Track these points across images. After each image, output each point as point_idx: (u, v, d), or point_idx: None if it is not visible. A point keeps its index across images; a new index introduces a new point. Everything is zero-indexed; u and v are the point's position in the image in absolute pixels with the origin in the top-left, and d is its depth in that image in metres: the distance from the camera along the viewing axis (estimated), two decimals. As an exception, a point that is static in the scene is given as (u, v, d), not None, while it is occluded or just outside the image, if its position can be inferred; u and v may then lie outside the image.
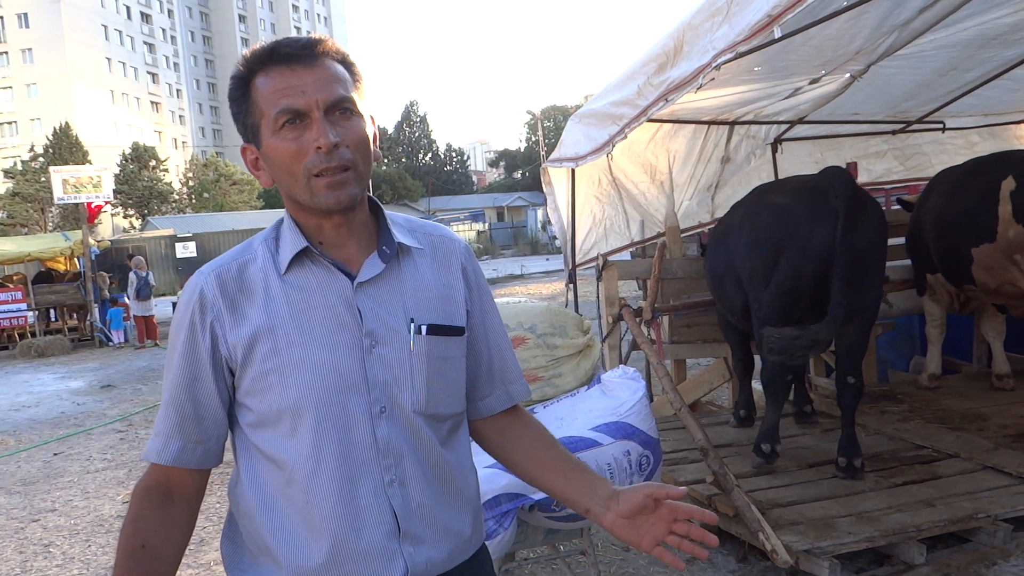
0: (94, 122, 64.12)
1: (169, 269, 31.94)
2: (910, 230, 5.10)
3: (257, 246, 1.35)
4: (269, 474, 1.30)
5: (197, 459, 1.32)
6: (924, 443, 4.19)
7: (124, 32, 73.03)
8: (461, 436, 1.44)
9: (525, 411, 1.55)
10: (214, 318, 1.28)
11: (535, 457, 1.47)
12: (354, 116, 1.27)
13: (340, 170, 1.24)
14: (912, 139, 6.72)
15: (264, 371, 1.27)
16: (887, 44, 4.36)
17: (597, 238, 6.02)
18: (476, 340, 1.44)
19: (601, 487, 1.41)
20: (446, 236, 1.45)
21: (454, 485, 1.38)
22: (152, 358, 13.25)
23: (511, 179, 66.04)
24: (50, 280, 16.82)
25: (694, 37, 3.19)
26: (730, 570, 3.50)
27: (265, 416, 1.29)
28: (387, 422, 1.29)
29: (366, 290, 1.31)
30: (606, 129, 4.29)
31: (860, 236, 3.67)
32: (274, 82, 1.25)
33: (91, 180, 15.82)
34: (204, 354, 1.29)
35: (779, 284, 3.84)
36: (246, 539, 1.34)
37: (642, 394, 2.86)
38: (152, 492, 1.32)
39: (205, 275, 1.31)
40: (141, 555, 1.28)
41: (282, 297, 1.28)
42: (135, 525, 1.30)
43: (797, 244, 3.77)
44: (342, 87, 1.26)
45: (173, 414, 1.31)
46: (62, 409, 9.32)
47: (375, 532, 1.28)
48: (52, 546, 4.73)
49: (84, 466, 6.55)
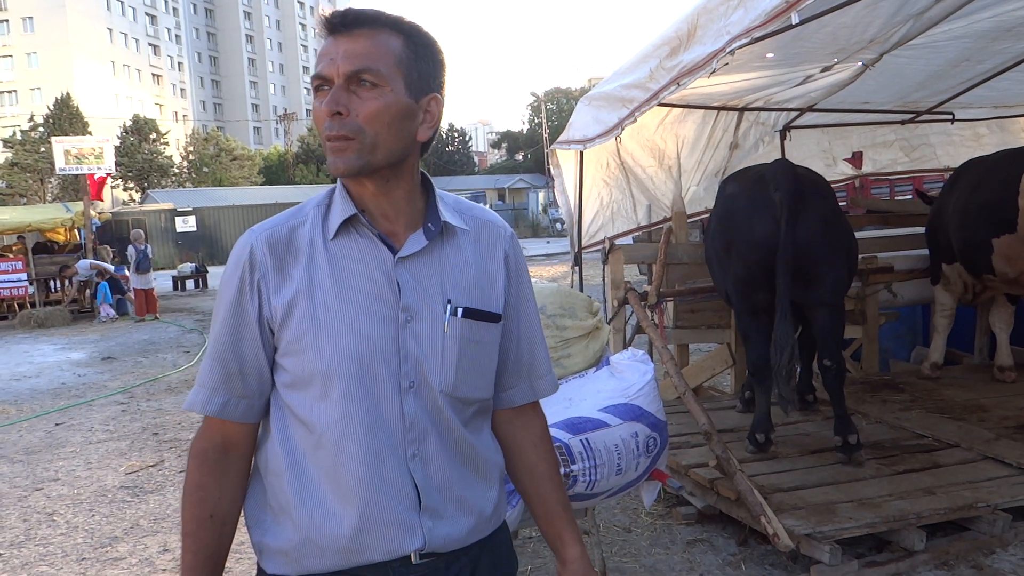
0: (94, 93, 63.74)
1: (169, 243, 31.93)
2: (931, 220, 5.15)
3: (309, 210, 1.36)
4: (300, 435, 1.32)
5: (240, 413, 1.35)
6: (925, 432, 4.22)
7: (126, 3, 72.47)
8: (484, 420, 1.45)
9: (543, 421, 1.54)
10: (261, 276, 1.30)
11: (530, 479, 1.50)
12: (376, 88, 1.26)
13: (342, 139, 1.25)
14: (920, 130, 6.72)
15: (300, 333, 1.29)
16: (901, 33, 4.34)
17: (604, 221, 6.01)
18: (509, 329, 1.44)
19: (570, 548, 1.48)
20: (492, 221, 1.45)
21: (476, 465, 1.39)
22: (152, 331, 13.27)
23: (513, 161, 65.76)
24: (49, 251, 16.79)
25: (708, 21, 3.17)
26: (731, 553, 3.54)
27: (299, 377, 1.31)
28: (414, 398, 1.31)
29: (407, 265, 1.32)
30: (616, 112, 4.28)
31: (803, 229, 3.69)
32: (321, 49, 1.30)
33: (93, 151, 15.78)
34: (250, 311, 1.31)
35: (734, 272, 3.98)
36: (270, 497, 1.36)
37: (651, 376, 2.87)
38: (209, 453, 1.36)
39: (256, 234, 1.33)
40: (210, 524, 1.35)
41: (325, 262, 1.30)
42: (200, 493, 1.35)
43: (742, 235, 3.89)
44: (370, 59, 1.25)
45: (218, 368, 1.33)
46: (63, 380, 9.34)
47: (397, 503, 1.30)
48: (56, 515, 4.76)
49: (86, 437, 6.57)
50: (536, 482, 1.49)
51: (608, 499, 2.84)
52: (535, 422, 1.52)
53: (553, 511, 1.49)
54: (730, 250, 3.97)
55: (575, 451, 2.58)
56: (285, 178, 56.04)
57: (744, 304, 4.03)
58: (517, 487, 1.52)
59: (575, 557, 1.47)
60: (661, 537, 3.76)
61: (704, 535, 3.73)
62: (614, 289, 5.11)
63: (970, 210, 4.70)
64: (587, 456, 2.59)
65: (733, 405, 4.93)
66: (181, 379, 8.90)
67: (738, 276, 3.95)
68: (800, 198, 3.73)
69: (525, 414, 1.50)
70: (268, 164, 59.79)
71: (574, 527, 1.50)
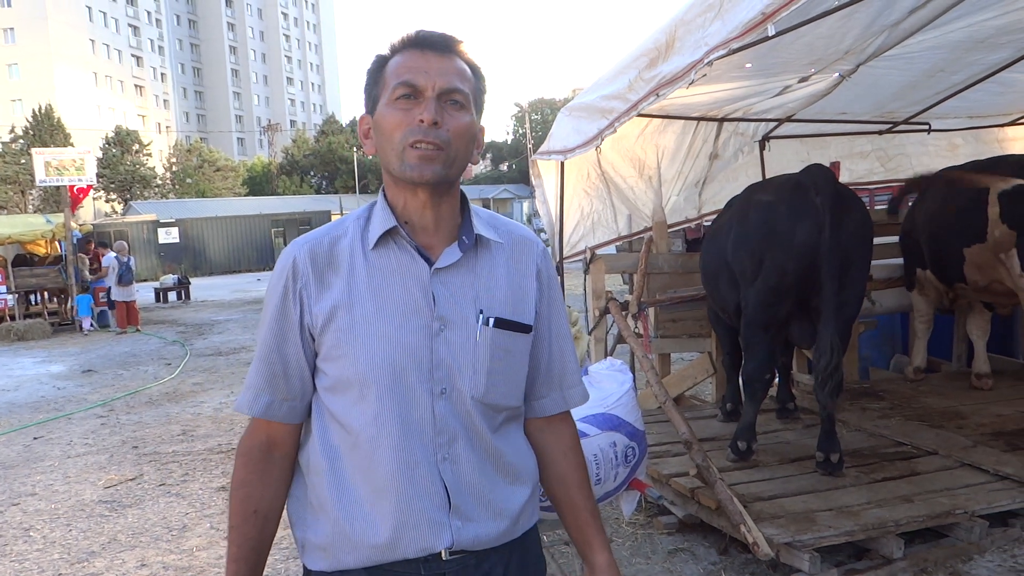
0: (76, 104, 63.38)
1: (151, 254, 31.67)
2: (904, 228, 5.19)
3: (350, 223, 1.42)
4: (338, 436, 1.38)
5: (283, 414, 1.42)
6: (904, 440, 4.25)
7: (108, 14, 72.17)
8: (515, 427, 1.49)
9: (574, 429, 1.59)
10: (303, 286, 1.37)
11: (560, 486, 1.55)
12: (463, 109, 1.35)
13: (434, 147, 1.31)
14: (896, 140, 6.78)
15: (339, 341, 1.35)
16: (877, 44, 4.40)
17: (585, 231, 6.03)
18: (540, 341, 1.49)
19: (599, 555, 1.52)
20: (526, 236, 1.51)
21: (505, 470, 1.44)
22: (133, 344, 13.15)
23: (497, 171, 65.90)
24: (29, 264, 16.62)
25: (686, 32, 3.20)
26: (712, 562, 3.54)
27: (338, 382, 1.37)
28: (446, 403, 1.36)
29: (442, 276, 1.38)
30: (596, 123, 4.30)
31: (845, 233, 3.71)
32: (405, 60, 1.35)
33: (74, 163, 15.63)
34: (293, 318, 1.38)
35: (764, 282, 3.87)
36: (311, 495, 1.41)
37: (629, 386, 2.88)
38: (254, 451, 1.43)
39: (299, 246, 1.40)
40: (254, 519, 1.43)
41: (364, 273, 1.37)
42: (246, 490, 1.43)
43: (780, 242, 3.80)
44: (461, 81, 1.35)
45: (264, 369, 1.41)
46: (42, 393, 9.23)
47: (427, 503, 1.35)
48: (32, 530, 4.70)
49: (65, 451, 6.50)
50: (567, 490, 1.54)
51: (587, 509, 2.84)
52: (566, 431, 1.57)
53: (583, 519, 1.54)
54: (762, 258, 3.86)
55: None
56: (269, 189, 55.93)
57: (763, 315, 3.92)
58: (548, 494, 1.57)
59: (604, 563, 1.52)
60: (642, 547, 3.76)
61: (685, 544, 3.73)
62: (595, 299, 5.13)
63: (941, 220, 4.76)
64: (565, 466, 2.59)
65: (714, 414, 4.95)
66: (162, 392, 8.82)
67: (769, 285, 3.85)
68: (840, 202, 3.74)
69: (556, 423, 1.55)
70: (252, 175, 59.65)
71: (603, 534, 1.55)
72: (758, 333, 3.98)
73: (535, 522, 1.52)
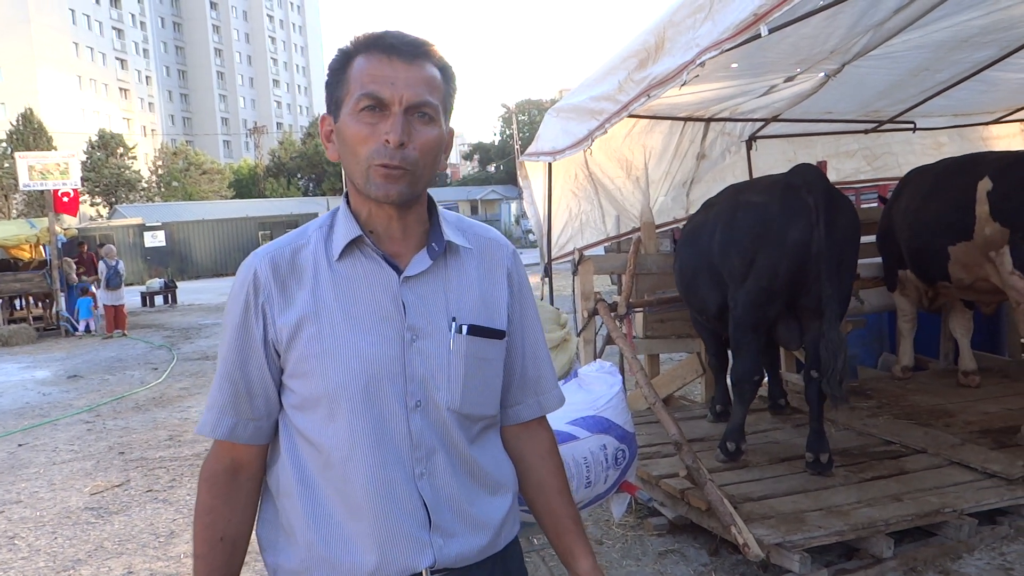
0: (60, 108, 62.90)
1: (137, 258, 31.49)
2: (881, 228, 5.19)
3: (312, 232, 1.37)
4: (309, 455, 1.33)
5: (249, 435, 1.36)
6: (892, 439, 4.26)
7: (92, 16, 71.66)
8: (492, 436, 1.45)
9: (551, 434, 1.55)
10: (265, 299, 1.31)
11: (539, 493, 1.50)
12: (431, 123, 1.29)
13: (398, 168, 1.26)
14: (883, 139, 6.82)
15: (306, 355, 1.29)
16: (862, 44, 4.41)
17: (573, 232, 6.03)
18: (514, 345, 1.45)
19: (581, 561, 1.47)
20: (495, 239, 1.47)
21: (485, 481, 1.40)
22: (120, 348, 13.06)
23: (485, 172, 65.89)
24: (14, 268, 16.48)
25: (676, 34, 3.20)
26: (702, 563, 3.53)
27: (306, 399, 1.31)
28: (421, 416, 1.31)
29: (411, 285, 1.33)
30: (585, 124, 4.30)
31: (838, 232, 3.72)
32: (370, 66, 1.27)
33: (58, 167, 15.52)
34: (256, 334, 1.32)
35: (756, 282, 3.86)
36: (282, 518, 1.36)
37: (618, 388, 2.87)
38: (219, 475, 1.37)
39: (260, 257, 1.34)
40: (221, 547, 1.37)
41: (330, 284, 1.31)
42: (211, 516, 1.36)
43: (773, 242, 3.79)
44: (429, 92, 1.28)
45: (227, 389, 1.34)
46: (27, 399, 9.14)
47: (407, 521, 1.30)
48: (17, 538, 4.64)
49: (50, 457, 6.43)
50: (546, 496, 1.50)
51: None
52: (543, 437, 1.52)
53: (564, 525, 1.49)
54: (753, 260, 3.84)
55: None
56: (256, 192, 55.71)
57: (752, 316, 3.90)
58: (527, 502, 1.52)
59: (587, 570, 1.47)
60: (632, 549, 3.75)
61: (675, 546, 3.72)
62: (584, 300, 5.12)
63: (923, 219, 4.75)
64: (555, 469, 2.57)
65: (704, 414, 4.95)
66: (148, 397, 8.75)
67: (761, 286, 3.83)
68: (832, 201, 3.74)
69: (532, 429, 1.51)
70: (238, 178, 59.42)
71: (585, 541, 1.50)
72: (748, 334, 3.97)
73: (516, 533, 1.48)
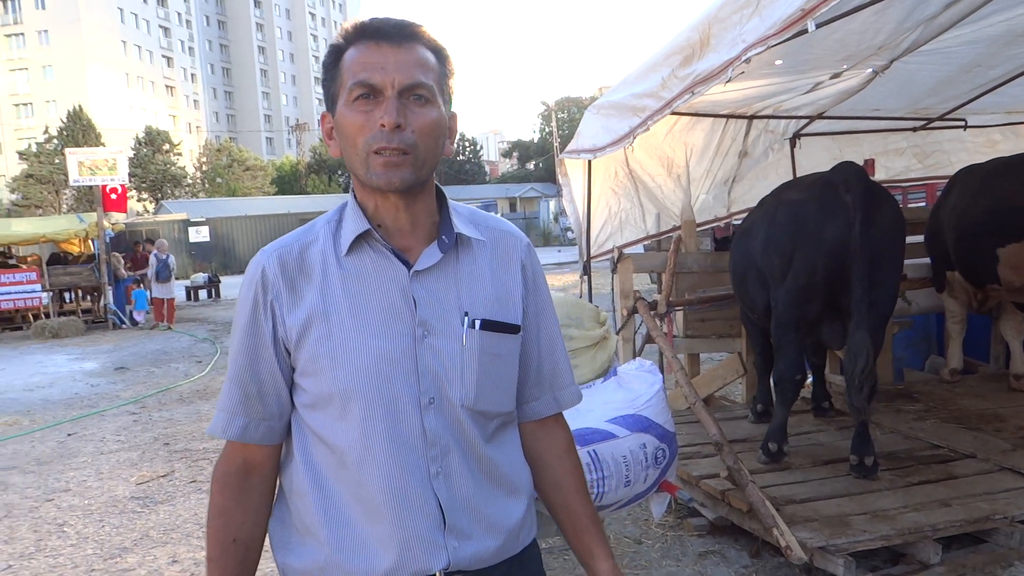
0: (108, 105, 64.37)
1: (182, 253, 32.04)
2: (929, 228, 5.08)
3: (320, 228, 1.34)
4: (322, 455, 1.31)
5: (261, 435, 1.34)
6: (940, 443, 4.16)
7: (140, 15, 73.17)
8: (509, 434, 1.42)
9: (568, 432, 1.51)
10: (273, 297, 1.29)
11: (556, 492, 1.47)
12: (428, 104, 1.25)
13: (399, 152, 1.23)
14: (932, 136, 6.66)
15: (316, 354, 1.27)
16: (911, 39, 4.32)
17: (612, 230, 6.00)
18: (528, 341, 1.41)
19: (600, 563, 1.43)
20: (508, 231, 1.42)
21: (502, 481, 1.36)
22: (165, 341, 13.32)
23: (524, 170, 65.86)
24: (63, 262, 16.93)
25: (722, 30, 3.16)
26: (743, 565, 3.49)
27: (317, 398, 1.29)
28: (435, 414, 1.28)
29: (422, 279, 1.30)
30: (627, 121, 4.26)
31: (876, 231, 3.64)
32: (360, 54, 1.25)
33: (106, 163, 15.88)
34: (266, 333, 1.30)
35: (794, 280, 3.82)
36: (295, 518, 1.34)
37: (659, 387, 2.85)
38: (231, 477, 1.35)
39: (268, 254, 1.32)
40: (234, 549, 1.35)
41: (338, 281, 1.28)
42: (223, 519, 1.35)
43: (810, 240, 3.75)
44: (423, 73, 1.24)
45: (237, 391, 1.33)
46: (76, 390, 9.38)
47: (421, 522, 1.27)
48: (66, 525, 4.76)
49: (98, 447, 6.59)
50: (563, 496, 1.46)
51: (617, 511, 2.82)
52: (559, 434, 1.49)
53: (582, 525, 1.45)
54: (791, 257, 3.82)
55: (583, 463, 2.56)
56: (297, 188, 56.33)
57: (792, 314, 3.87)
58: (544, 501, 1.49)
59: (606, 572, 1.44)
60: (672, 549, 3.72)
61: (716, 547, 3.69)
62: (623, 298, 5.09)
63: (971, 219, 4.62)
64: (595, 468, 2.57)
65: (745, 415, 4.89)
66: (193, 389, 8.92)
67: (799, 284, 3.79)
68: (871, 199, 3.66)
69: (549, 426, 1.47)
70: (280, 174, 60.12)
71: (604, 541, 1.46)
72: (789, 333, 3.93)
73: (534, 536, 1.45)
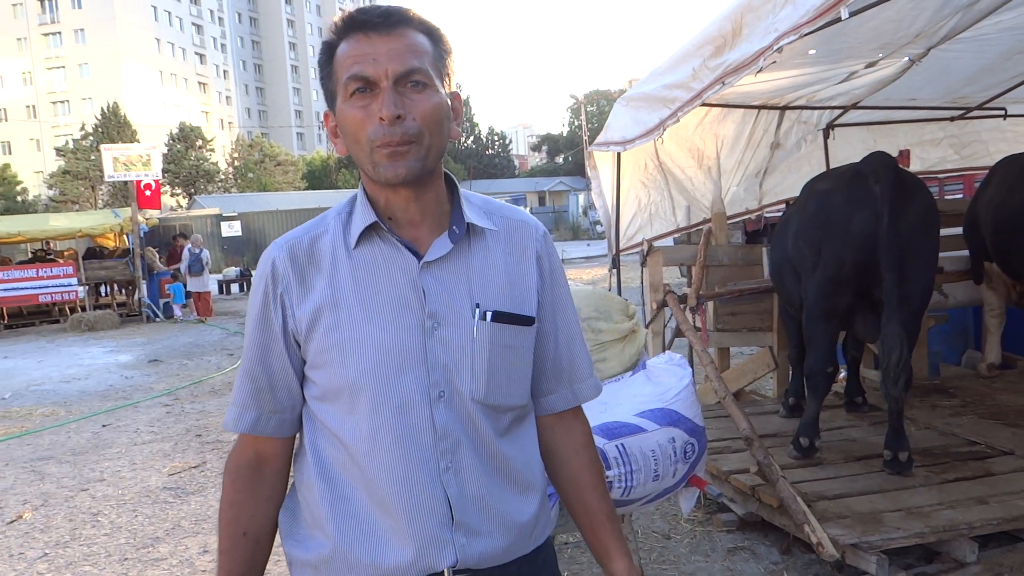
0: (143, 102, 65.39)
1: (215, 247, 32.39)
2: (967, 220, 4.97)
3: (330, 220, 1.33)
4: (331, 448, 1.30)
5: (272, 428, 1.34)
6: (977, 439, 4.07)
7: (173, 13, 74.12)
8: (525, 428, 1.38)
9: (586, 427, 1.47)
10: (283, 290, 1.28)
11: (573, 488, 1.44)
12: (426, 89, 1.23)
13: (402, 143, 1.20)
14: (970, 126, 6.52)
15: (325, 346, 1.26)
16: (949, 26, 4.22)
17: (642, 223, 5.95)
18: (545, 333, 1.38)
19: (617, 562, 1.41)
20: (523, 220, 1.39)
21: (515, 477, 1.33)
22: (198, 334, 13.49)
23: (553, 164, 65.76)
24: (99, 256, 17.22)
25: (754, 19, 3.11)
26: (773, 561, 3.45)
27: (327, 390, 1.28)
28: (445, 407, 1.26)
29: (432, 270, 1.27)
30: (657, 112, 4.22)
31: (904, 223, 3.57)
32: (351, 48, 1.23)
33: (141, 158, 16.13)
34: (276, 325, 1.29)
35: (823, 272, 3.79)
36: (304, 510, 1.33)
37: (688, 381, 2.81)
38: (243, 470, 1.35)
39: (279, 247, 1.32)
40: (243, 541, 1.35)
41: (348, 272, 1.27)
42: (234, 511, 1.35)
43: (837, 231, 3.71)
44: (416, 59, 1.22)
45: (248, 384, 1.32)
46: (111, 382, 9.54)
47: (428, 518, 1.25)
48: (100, 515, 4.84)
49: (131, 438, 6.69)
50: (580, 492, 1.43)
51: (645, 505, 2.79)
52: (577, 429, 1.45)
53: (598, 523, 1.42)
54: (820, 249, 3.79)
55: (611, 456, 2.54)
56: (328, 183, 56.73)
57: (823, 305, 3.83)
58: (560, 497, 1.46)
59: (623, 571, 1.41)
60: (701, 544, 3.69)
61: (745, 543, 3.65)
62: (653, 291, 5.05)
63: (1009, 211, 4.51)
64: (623, 462, 2.54)
65: (775, 410, 4.82)
66: (224, 381, 9.02)
67: (827, 276, 3.76)
68: (901, 190, 3.60)
69: (566, 420, 1.44)
70: (311, 169, 60.60)
71: (621, 539, 1.42)
72: (819, 325, 3.89)
73: (548, 535, 1.41)
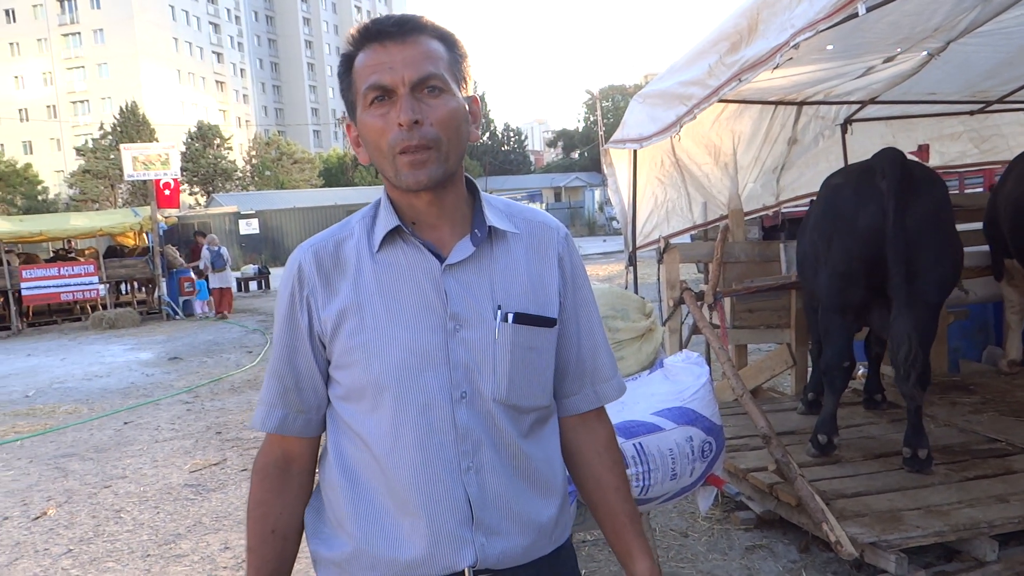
0: (161, 101, 65.89)
1: (233, 245, 32.61)
2: (987, 215, 4.93)
3: (355, 223, 1.36)
4: (354, 448, 1.32)
5: (299, 427, 1.36)
6: (997, 436, 4.04)
7: (191, 12, 74.60)
8: (548, 430, 1.40)
9: (609, 428, 1.49)
10: (309, 292, 1.31)
11: (596, 489, 1.45)
12: (443, 94, 1.24)
13: (422, 149, 1.22)
14: (990, 120, 6.45)
15: (350, 347, 1.29)
16: (969, 20, 4.17)
17: (658, 220, 5.94)
18: (567, 335, 1.40)
19: (639, 563, 1.43)
20: (545, 223, 1.41)
21: (536, 478, 1.34)
22: (217, 332, 13.60)
23: (569, 159, 65.67)
24: (119, 255, 17.39)
25: (770, 15, 3.10)
26: (791, 560, 3.44)
27: (350, 390, 1.31)
28: (467, 408, 1.28)
29: (454, 273, 1.29)
30: (673, 109, 4.21)
31: (912, 218, 3.54)
32: (368, 59, 1.25)
33: (160, 157, 16.28)
34: (302, 326, 1.32)
35: (833, 267, 3.83)
36: (328, 509, 1.36)
37: (706, 379, 2.81)
38: (271, 469, 1.38)
39: (304, 250, 1.34)
40: (272, 539, 1.38)
41: (372, 275, 1.30)
42: (262, 509, 1.38)
43: (845, 226, 3.74)
44: (432, 64, 1.24)
45: (275, 384, 1.35)
46: (132, 379, 9.64)
47: (449, 518, 1.26)
48: (123, 512, 4.90)
49: (153, 435, 6.76)
50: (603, 493, 1.44)
51: (663, 504, 2.80)
52: (600, 430, 1.46)
53: (621, 524, 1.43)
54: (830, 243, 3.82)
55: (628, 455, 2.54)
56: (344, 180, 56.95)
57: (835, 300, 3.86)
58: (583, 498, 1.48)
59: (645, 571, 1.42)
60: (719, 542, 3.68)
61: (763, 541, 3.64)
62: (670, 289, 5.04)
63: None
64: (640, 461, 2.55)
65: (793, 407, 4.81)
66: (244, 379, 9.10)
67: (837, 271, 3.78)
68: (909, 186, 3.58)
69: (589, 421, 1.45)
70: (328, 167, 60.84)
71: (643, 540, 1.44)
72: (833, 318, 3.91)
73: (569, 536, 1.42)
